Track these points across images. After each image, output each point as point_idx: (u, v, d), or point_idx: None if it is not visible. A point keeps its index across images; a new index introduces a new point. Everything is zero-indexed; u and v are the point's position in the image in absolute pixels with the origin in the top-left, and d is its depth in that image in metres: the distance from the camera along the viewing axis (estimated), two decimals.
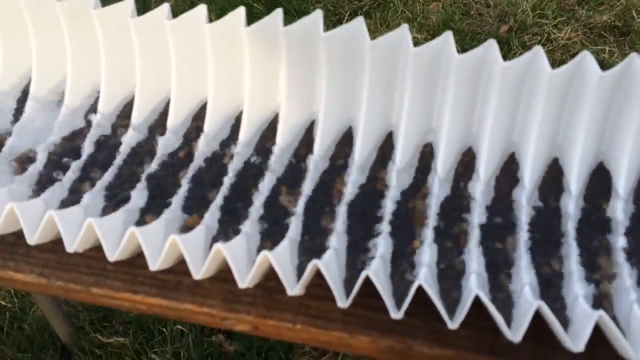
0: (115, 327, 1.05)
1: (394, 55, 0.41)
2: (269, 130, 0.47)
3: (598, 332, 0.34)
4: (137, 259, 0.42)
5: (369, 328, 0.38)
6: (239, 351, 1.01)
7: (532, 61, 0.39)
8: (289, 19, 1.41)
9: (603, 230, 0.38)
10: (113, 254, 0.38)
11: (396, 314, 0.34)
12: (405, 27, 0.40)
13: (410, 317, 0.36)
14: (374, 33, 1.37)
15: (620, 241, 0.37)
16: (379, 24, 1.40)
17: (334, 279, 0.35)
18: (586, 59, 0.38)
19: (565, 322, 0.34)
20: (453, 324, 0.33)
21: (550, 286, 0.36)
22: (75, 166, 0.45)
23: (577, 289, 0.35)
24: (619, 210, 0.38)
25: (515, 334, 0.32)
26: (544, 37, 1.34)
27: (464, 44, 1.32)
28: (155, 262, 0.38)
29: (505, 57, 0.38)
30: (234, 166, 0.45)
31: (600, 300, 0.35)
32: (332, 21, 1.41)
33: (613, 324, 0.31)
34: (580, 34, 1.35)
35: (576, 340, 0.32)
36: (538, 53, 0.38)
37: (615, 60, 1.31)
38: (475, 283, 0.35)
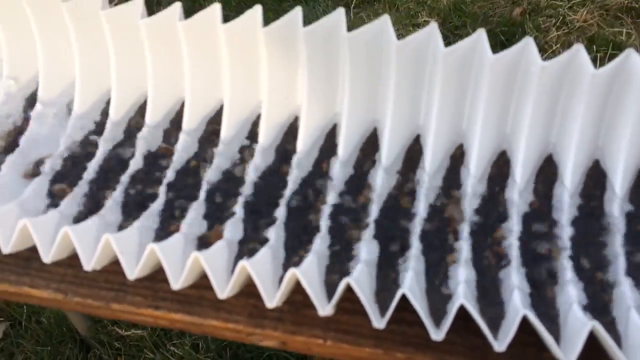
0: None
1: (422, 55, 0.39)
2: (289, 135, 0.45)
3: None
4: (157, 273, 0.40)
5: (404, 344, 0.37)
6: None
7: (572, 60, 0.36)
8: (291, 4, 1.37)
9: None
10: (132, 272, 0.37)
11: (437, 335, 0.32)
12: (434, 26, 0.37)
13: (447, 332, 0.35)
14: None
15: None
16: (389, 8, 1.36)
17: (367, 297, 0.33)
18: (631, 57, 0.36)
19: (617, 340, 0.32)
20: (500, 346, 0.31)
21: (599, 300, 0.34)
22: (89, 175, 0.43)
23: (629, 301, 0.33)
24: None
25: (569, 355, 0.30)
26: (559, 20, 1.30)
27: (477, 27, 1.28)
28: (177, 281, 0.36)
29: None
30: (253, 173, 0.43)
31: None
32: (339, 6, 1.37)
33: None
34: (596, 15, 1.31)
35: None
36: (579, 52, 0.36)
37: (633, 42, 1.27)
38: (519, 300, 0.33)
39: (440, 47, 0.37)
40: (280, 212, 0.40)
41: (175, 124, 0.46)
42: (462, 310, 0.34)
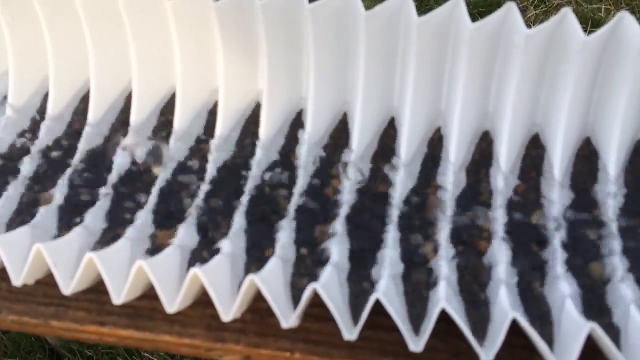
0: None
1: (394, 26, 0.34)
2: (250, 123, 0.40)
3: None
4: (102, 285, 0.35)
5: (381, 353, 0.33)
6: None
7: (559, 26, 0.32)
8: None
9: None
10: (68, 286, 0.32)
11: (416, 346, 0.28)
12: None
13: (428, 337, 0.31)
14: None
15: None
16: None
17: (337, 305, 0.29)
18: (624, 21, 0.32)
19: (616, 341, 0.28)
20: (487, 355, 0.27)
21: (592, 295, 0.30)
22: (23, 177, 0.38)
23: (628, 298, 0.29)
24: None
25: None
26: None
27: None
28: (120, 295, 0.31)
29: None
30: (210, 169, 0.38)
31: None
32: None
33: None
34: None
35: None
36: (567, 16, 0.32)
37: (613, 19, 1.25)
38: (507, 301, 0.29)
39: (414, 17, 0.33)
40: (240, 210, 0.36)
41: (121, 116, 0.41)
42: (444, 313, 0.30)
